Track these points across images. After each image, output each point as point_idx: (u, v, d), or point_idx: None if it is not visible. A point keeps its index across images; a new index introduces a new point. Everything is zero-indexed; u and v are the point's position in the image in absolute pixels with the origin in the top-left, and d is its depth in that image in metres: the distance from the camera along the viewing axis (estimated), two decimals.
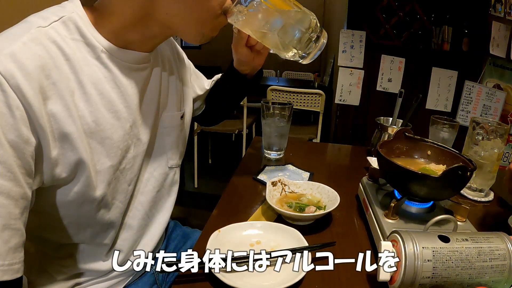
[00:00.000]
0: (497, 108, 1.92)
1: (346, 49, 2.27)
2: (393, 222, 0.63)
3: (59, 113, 0.47)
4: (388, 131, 1.07)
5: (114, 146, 0.56)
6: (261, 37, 0.64)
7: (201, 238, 0.64)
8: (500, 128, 0.84)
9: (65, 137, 0.48)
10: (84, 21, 0.52)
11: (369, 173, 0.80)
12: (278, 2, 0.61)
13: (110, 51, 0.54)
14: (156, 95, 0.66)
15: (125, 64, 0.57)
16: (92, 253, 0.63)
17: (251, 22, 0.61)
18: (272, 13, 0.60)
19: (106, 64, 0.54)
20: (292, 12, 0.61)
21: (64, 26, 0.50)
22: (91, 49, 0.52)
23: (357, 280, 0.56)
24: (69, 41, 0.50)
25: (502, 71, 1.92)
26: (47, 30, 0.48)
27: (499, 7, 1.82)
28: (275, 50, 0.67)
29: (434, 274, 0.47)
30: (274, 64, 5.06)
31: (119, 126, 0.56)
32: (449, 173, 0.58)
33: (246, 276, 0.54)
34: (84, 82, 0.51)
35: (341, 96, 2.32)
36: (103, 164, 0.55)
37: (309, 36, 0.62)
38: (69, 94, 0.49)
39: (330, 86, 3.62)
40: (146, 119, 0.64)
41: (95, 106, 0.52)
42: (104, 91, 0.54)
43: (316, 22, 0.62)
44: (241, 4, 0.58)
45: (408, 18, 2.28)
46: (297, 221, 0.69)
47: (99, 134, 0.53)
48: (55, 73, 0.47)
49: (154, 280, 0.76)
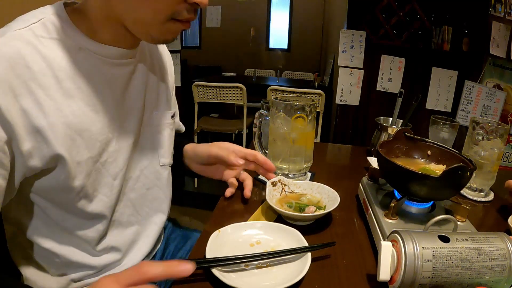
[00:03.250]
0: (497, 108, 1.92)
1: (346, 49, 2.28)
2: (393, 222, 0.63)
3: (30, 109, 0.50)
4: (388, 131, 1.07)
5: (92, 138, 0.58)
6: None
7: (200, 238, 0.64)
8: (500, 128, 0.84)
9: (37, 131, 0.51)
10: (64, 21, 0.55)
11: (369, 173, 0.80)
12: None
13: (89, 46, 0.57)
14: (141, 91, 0.67)
15: (105, 60, 0.59)
16: (79, 244, 0.64)
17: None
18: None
19: (85, 59, 0.57)
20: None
21: (42, 26, 0.53)
22: (70, 47, 0.55)
23: (357, 280, 0.56)
24: (46, 41, 0.53)
25: (502, 71, 1.92)
26: (23, 32, 0.51)
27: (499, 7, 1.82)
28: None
29: (434, 274, 0.47)
30: (274, 64, 5.07)
31: (97, 119, 0.59)
32: (449, 173, 0.58)
33: (246, 276, 0.54)
34: (61, 78, 0.53)
35: (342, 96, 2.32)
36: (83, 155, 0.57)
37: None
38: (42, 89, 0.51)
39: (330, 86, 3.62)
40: (131, 114, 0.66)
41: (73, 100, 0.55)
42: (82, 85, 0.56)
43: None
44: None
45: (408, 18, 2.28)
46: (297, 221, 0.70)
47: (78, 126, 0.56)
48: (26, 72, 0.50)
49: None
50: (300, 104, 0.84)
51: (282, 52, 5.39)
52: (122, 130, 0.64)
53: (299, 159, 0.88)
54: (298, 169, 0.89)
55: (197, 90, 2.78)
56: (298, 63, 5.10)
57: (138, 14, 0.53)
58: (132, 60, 0.64)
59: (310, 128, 0.87)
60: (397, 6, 2.26)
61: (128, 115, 0.65)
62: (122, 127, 0.64)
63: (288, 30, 5.38)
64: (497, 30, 1.83)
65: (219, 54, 5.31)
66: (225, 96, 2.81)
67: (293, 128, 0.85)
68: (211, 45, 5.32)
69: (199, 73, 4.22)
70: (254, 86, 3.54)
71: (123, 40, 0.59)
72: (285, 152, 0.87)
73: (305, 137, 0.87)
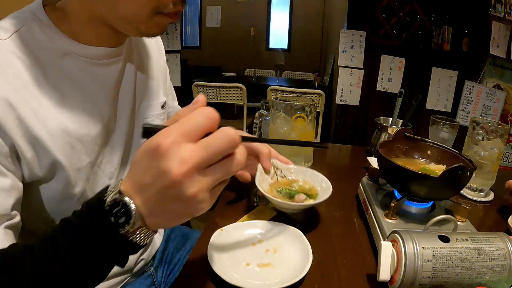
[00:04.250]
0: (497, 108, 1.92)
1: (346, 49, 2.28)
2: (393, 222, 0.63)
3: (26, 118, 0.49)
4: (388, 131, 1.07)
5: (92, 143, 0.57)
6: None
7: (201, 238, 0.64)
8: (500, 128, 0.84)
9: (36, 140, 0.50)
10: (45, 26, 0.53)
11: (369, 173, 0.80)
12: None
13: (75, 50, 0.55)
14: (131, 87, 0.66)
15: (92, 61, 0.57)
16: None
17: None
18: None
19: (73, 64, 0.55)
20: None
21: (24, 35, 0.51)
22: (55, 53, 0.53)
23: (357, 280, 0.56)
24: (31, 49, 0.51)
25: (502, 71, 1.92)
26: (7, 42, 0.49)
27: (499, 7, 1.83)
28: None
29: (434, 274, 0.47)
30: (274, 64, 5.07)
31: (95, 122, 0.58)
32: (449, 173, 0.58)
33: (247, 275, 0.54)
34: (52, 85, 0.52)
35: (342, 96, 2.32)
36: (83, 161, 0.57)
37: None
38: (35, 98, 0.50)
39: (330, 86, 3.62)
40: (123, 111, 0.64)
41: (67, 106, 0.54)
42: (73, 90, 0.55)
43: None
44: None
45: (408, 18, 2.28)
46: (285, 209, 0.68)
47: (77, 132, 0.55)
48: (17, 81, 0.49)
49: (152, 281, 0.76)
50: (300, 104, 0.84)
51: (282, 52, 5.39)
52: (116, 129, 0.63)
53: (299, 159, 0.88)
54: None
55: (197, 90, 2.78)
56: (298, 63, 5.10)
57: (122, 11, 0.51)
58: (119, 58, 0.62)
59: (310, 128, 0.87)
60: (397, 6, 2.26)
61: (121, 111, 0.64)
62: (116, 125, 0.63)
63: (288, 30, 5.38)
64: (497, 30, 1.83)
65: (219, 54, 5.31)
66: (225, 96, 2.81)
67: (293, 128, 0.85)
68: (211, 45, 5.32)
69: (199, 73, 4.21)
70: (254, 86, 3.54)
71: (108, 39, 0.58)
72: (285, 152, 0.87)
73: (305, 137, 0.87)
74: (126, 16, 0.52)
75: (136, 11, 0.51)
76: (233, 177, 0.90)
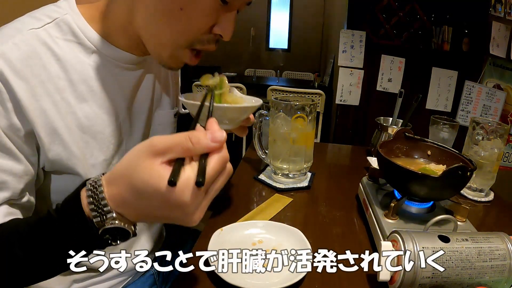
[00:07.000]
0: (497, 108, 1.92)
1: (346, 49, 2.27)
2: (393, 222, 0.63)
3: (48, 110, 0.50)
4: (388, 131, 1.07)
5: (106, 141, 0.59)
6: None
7: (201, 238, 0.64)
8: (500, 128, 0.84)
9: (54, 132, 0.51)
10: (78, 21, 0.54)
11: (369, 173, 0.80)
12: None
13: (103, 50, 0.56)
14: (149, 93, 0.68)
15: (117, 63, 0.59)
16: None
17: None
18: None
19: (98, 62, 0.56)
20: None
21: (57, 27, 0.52)
22: (83, 49, 0.55)
23: (357, 280, 0.56)
24: (61, 42, 0.52)
25: (502, 71, 1.92)
26: (39, 32, 0.50)
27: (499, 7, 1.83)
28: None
29: (434, 274, 0.47)
30: (274, 64, 5.07)
31: (110, 121, 0.59)
32: (449, 173, 0.58)
33: (247, 275, 0.54)
34: (75, 81, 0.53)
35: (342, 96, 2.32)
36: (97, 158, 0.58)
37: None
38: (58, 92, 0.51)
39: (330, 86, 3.62)
40: (139, 115, 0.66)
41: (87, 103, 0.55)
42: (95, 88, 0.56)
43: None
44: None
45: (408, 18, 2.28)
46: (223, 116, 0.62)
47: (91, 129, 0.56)
48: (44, 73, 0.50)
49: (154, 281, 0.76)
50: (300, 104, 0.84)
51: (282, 52, 5.39)
52: (131, 132, 0.65)
53: (299, 159, 0.88)
54: (298, 169, 0.89)
55: (197, 90, 2.78)
56: (298, 63, 5.10)
57: (159, 36, 0.52)
58: (141, 65, 0.64)
59: (310, 128, 0.87)
60: (397, 6, 2.26)
61: (137, 116, 0.66)
62: (132, 128, 0.65)
63: (288, 30, 5.38)
64: (497, 30, 1.83)
65: (219, 54, 5.31)
66: None
67: (293, 128, 0.85)
68: None
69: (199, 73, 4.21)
70: (254, 86, 3.54)
71: (136, 48, 0.59)
72: (285, 152, 0.87)
73: (305, 137, 0.87)
74: (159, 39, 0.52)
75: (173, 38, 0.51)
76: (233, 178, 0.90)
